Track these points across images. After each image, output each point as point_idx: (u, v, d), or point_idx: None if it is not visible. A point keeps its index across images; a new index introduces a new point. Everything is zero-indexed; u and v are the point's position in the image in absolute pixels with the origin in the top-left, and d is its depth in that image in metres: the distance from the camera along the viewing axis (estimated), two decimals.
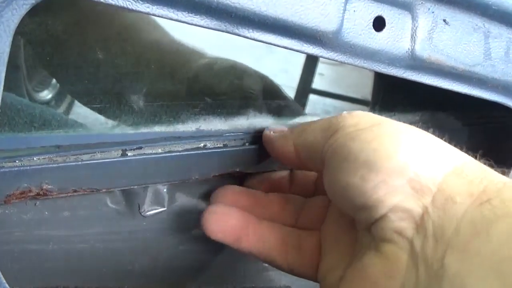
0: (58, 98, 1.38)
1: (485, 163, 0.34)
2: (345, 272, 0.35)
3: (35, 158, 0.35)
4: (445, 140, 0.35)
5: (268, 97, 0.52)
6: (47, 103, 1.36)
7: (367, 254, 0.33)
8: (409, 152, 0.32)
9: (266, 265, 0.48)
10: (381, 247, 0.32)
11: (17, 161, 0.34)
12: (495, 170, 0.33)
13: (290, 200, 0.43)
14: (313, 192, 0.44)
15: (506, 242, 0.28)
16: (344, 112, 0.37)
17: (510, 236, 0.28)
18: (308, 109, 1.89)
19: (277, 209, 0.42)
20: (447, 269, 0.29)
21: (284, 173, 0.45)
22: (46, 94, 1.39)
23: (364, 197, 0.32)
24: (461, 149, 0.35)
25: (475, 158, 0.34)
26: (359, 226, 0.35)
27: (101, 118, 0.48)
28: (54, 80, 1.39)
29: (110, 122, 0.47)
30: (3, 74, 0.28)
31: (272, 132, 0.42)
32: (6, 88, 0.29)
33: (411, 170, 0.32)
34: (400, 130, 0.34)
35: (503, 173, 0.33)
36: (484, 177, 0.32)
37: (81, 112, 0.53)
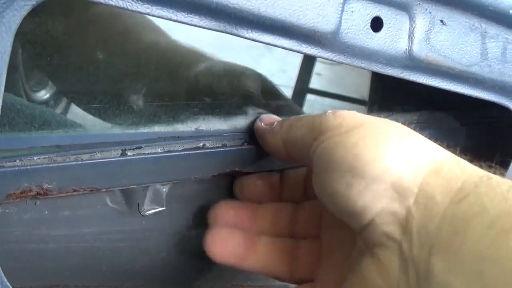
0: (56, 97, 1.38)
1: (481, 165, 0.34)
2: (343, 275, 0.35)
3: (35, 158, 0.35)
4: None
5: (266, 96, 0.52)
6: (45, 102, 1.35)
7: (363, 259, 0.34)
8: (390, 155, 0.32)
9: None
10: (374, 251, 0.33)
11: (17, 161, 0.35)
12: (487, 167, 0.33)
13: (283, 210, 0.43)
14: (304, 193, 0.44)
15: (480, 240, 0.28)
16: (329, 111, 0.37)
17: (484, 234, 0.28)
18: (305, 108, 1.89)
19: (272, 222, 0.43)
20: (433, 270, 0.29)
21: (275, 176, 0.45)
22: (44, 94, 1.39)
23: (351, 203, 0.32)
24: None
25: (457, 153, 0.34)
26: (354, 230, 0.35)
27: (100, 118, 0.48)
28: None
29: (110, 122, 0.47)
30: (4, 75, 0.29)
31: (262, 124, 0.42)
32: (5, 88, 0.29)
33: (394, 173, 0.32)
34: (381, 132, 0.34)
35: (495, 172, 0.33)
36: (462, 172, 0.32)
37: (80, 111, 0.53)
